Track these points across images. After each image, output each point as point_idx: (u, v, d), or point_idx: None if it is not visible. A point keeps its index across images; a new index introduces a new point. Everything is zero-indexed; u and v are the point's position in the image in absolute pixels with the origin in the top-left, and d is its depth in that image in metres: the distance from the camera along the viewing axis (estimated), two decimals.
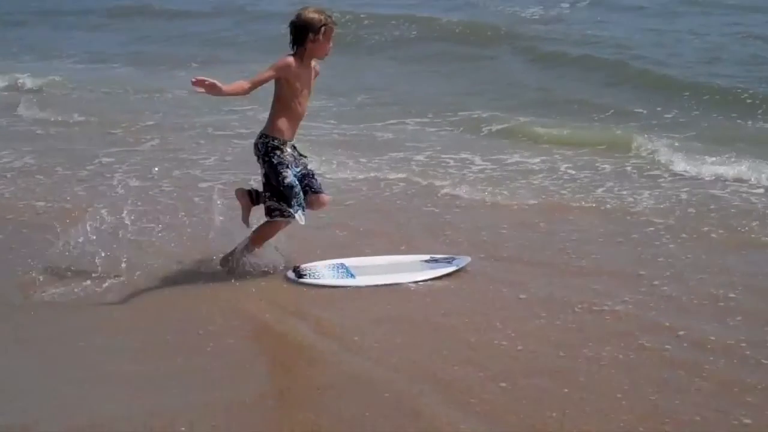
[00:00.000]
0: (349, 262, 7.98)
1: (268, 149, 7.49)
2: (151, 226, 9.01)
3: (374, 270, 7.84)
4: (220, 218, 8.22)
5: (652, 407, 5.53)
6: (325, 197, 7.74)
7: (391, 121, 14.08)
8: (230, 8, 27.44)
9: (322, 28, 7.37)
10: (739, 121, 13.57)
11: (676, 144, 12.06)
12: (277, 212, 7.62)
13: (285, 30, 7.44)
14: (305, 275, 7.73)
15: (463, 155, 11.83)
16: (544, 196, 10.08)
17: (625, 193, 10.09)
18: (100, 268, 7.83)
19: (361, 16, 23.65)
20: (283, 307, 7.27)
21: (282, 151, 7.47)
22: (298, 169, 7.59)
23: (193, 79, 6.98)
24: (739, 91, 14.86)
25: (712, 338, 6.40)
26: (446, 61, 19.22)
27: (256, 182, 10.69)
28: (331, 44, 7.49)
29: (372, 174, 11.07)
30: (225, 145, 12.89)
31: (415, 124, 14.13)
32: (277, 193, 7.54)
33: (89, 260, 7.91)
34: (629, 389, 5.74)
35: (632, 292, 7.29)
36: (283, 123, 7.51)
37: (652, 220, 9.11)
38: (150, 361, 6.42)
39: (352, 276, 7.75)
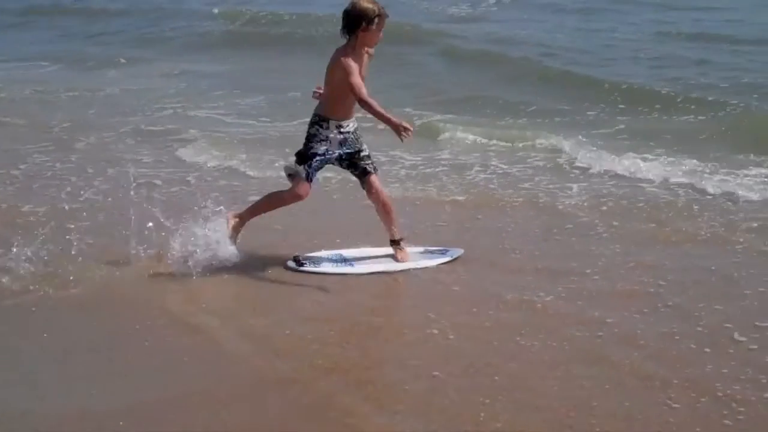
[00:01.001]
0: (347, 252, 8.17)
1: (313, 122, 7.85)
2: (85, 224, 8.95)
3: (372, 260, 8.04)
4: (156, 215, 8.18)
5: (583, 395, 5.70)
6: (372, 177, 8.02)
7: None
8: (147, 6, 27.10)
9: (376, 18, 7.57)
10: (663, 117, 13.90)
11: (602, 140, 12.38)
12: (291, 177, 7.91)
13: (205, 27, 7.49)
14: (305, 263, 7.92)
15: (394, 152, 11.92)
16: (477, 191, 10.27)
17: (555, 187, 10.32)
18: (30, 269, 7.72)
19: (281, 13, 23.80)
20: (209, 307, 7.25)
21: (322, 128, 7.79)
22: (348, 150, 7.91)
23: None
24: (659, 87, 15.22)
25: (642, 326, 6.63)
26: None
27: (194, 179, 10.82)
28: (381, 34, 7.71)
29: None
30: (161, 142, 12.86)
31: None
32: (302, 155, 7.83)
33: (20, 260, 7.79)
34: (561, 377, 5.92)
35: (565, 283, 7.49)
36: (333, 105, 7.77)
37: (582, 214, 9.35)
38: (73, 362, 6.40)
39: (351, 265, 7.95)
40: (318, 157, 7.81)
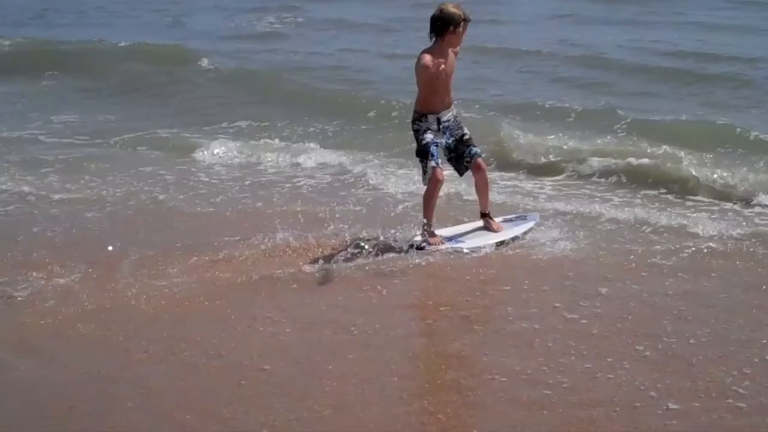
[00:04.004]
0: (445, 231, 8.87)
1: (413, 120, 8.62)
2: None
3: (474, 236, 8.79)
4: None
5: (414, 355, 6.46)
6: (480, 159, 8.74)
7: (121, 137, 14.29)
8: None
9: (462, 23, 8.16)
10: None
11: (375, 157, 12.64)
12: (423, 173, 8.58)
13: None
14: (424, 246, 8.51)
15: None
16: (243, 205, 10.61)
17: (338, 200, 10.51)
18: None
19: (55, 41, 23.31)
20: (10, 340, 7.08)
21: (422, 121, 8.55)
22: (451, 139, 8.64)
23: None
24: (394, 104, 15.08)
25: (476, 310, 7.27)
26: (152, 83, 18.87)
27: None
28: (465, 35, 8.42)
29: (119, 190, 11.25)
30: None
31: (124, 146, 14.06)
32: (420, 153, 8.53)
33: None
34: (393, 354, 6.51)
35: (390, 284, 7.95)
36: (427, 100, 8.51)
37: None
38: None
39: (462, 242, 8.65)
40: (432, 144, 8.44)
